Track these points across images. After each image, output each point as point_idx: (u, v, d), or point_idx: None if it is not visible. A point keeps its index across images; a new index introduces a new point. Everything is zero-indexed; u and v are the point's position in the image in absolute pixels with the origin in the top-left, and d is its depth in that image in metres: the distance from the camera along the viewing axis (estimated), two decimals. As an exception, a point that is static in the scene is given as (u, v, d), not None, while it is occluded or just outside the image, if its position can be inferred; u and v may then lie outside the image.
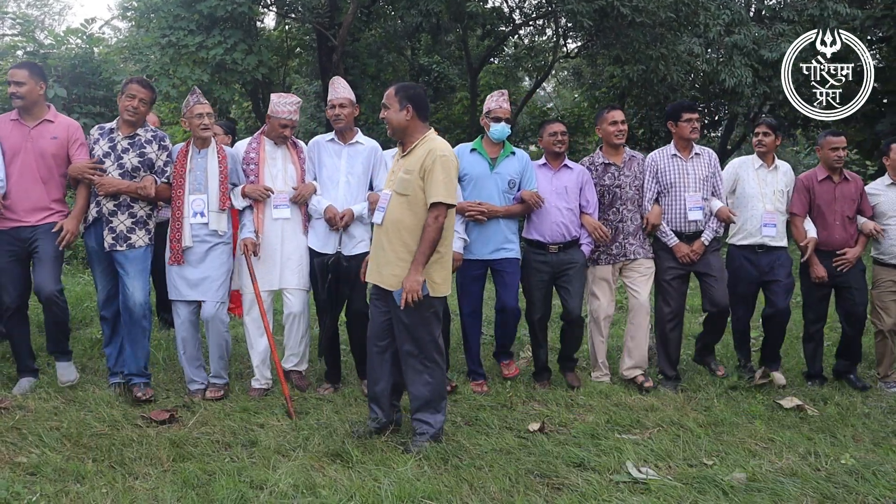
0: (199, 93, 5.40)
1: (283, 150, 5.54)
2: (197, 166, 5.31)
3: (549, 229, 5.78)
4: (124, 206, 5.21)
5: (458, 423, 4.93)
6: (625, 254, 5.91)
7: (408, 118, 4.46)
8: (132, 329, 5.27)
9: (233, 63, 12.72)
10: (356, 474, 4.03)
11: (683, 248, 5.86)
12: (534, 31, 19.38)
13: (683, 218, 5.88)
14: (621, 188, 5.91)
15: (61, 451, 4.24)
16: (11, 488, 3.68)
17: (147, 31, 14.09)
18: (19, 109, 5.19)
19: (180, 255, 5.26)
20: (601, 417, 5.13)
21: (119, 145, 5.25)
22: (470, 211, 5.58)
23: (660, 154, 6.06)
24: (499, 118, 5.72)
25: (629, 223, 5.92)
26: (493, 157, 5.76)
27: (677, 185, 5.91)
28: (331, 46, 15.10)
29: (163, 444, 4.36)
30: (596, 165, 6.00)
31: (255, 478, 3.95)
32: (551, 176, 5.86)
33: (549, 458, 4.38)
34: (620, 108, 6.19)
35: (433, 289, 4.40)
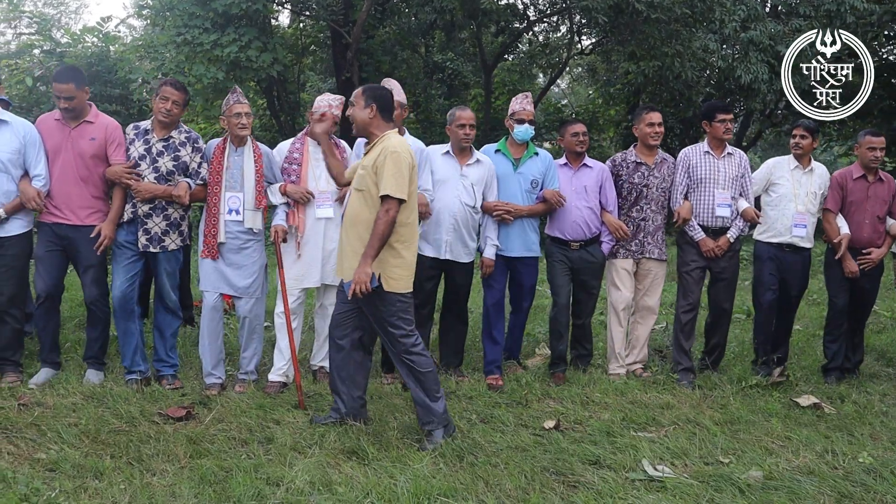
0: (240, 92, 5.44)
1: None
2: (234, 164, 5.37)
3: (570, 227, 5.93)
4: (159, 208, 5.32)
5: (473, 421, 4.93)
6: (642, 251, 6.05)
7: (371, 116, 4.62)
8: (165, 320, 5.54)
9: (247, 61, 12.74)
10: (372, 471, 4.05)
11: (709, 242, 5.94)
12: (548, 27, 19.31)
13: (711, 214, 5.97)
14: (648, 188, 6.02)
15: (80, 447, 4.27)
16: (31, 484, 3.70)
17: (162, 29, 14.15)
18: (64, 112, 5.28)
19: (215, 249, 5.34)
20: (617, 415, 5.12)
21: (154, 148, 5.32)
22: (497, 211, 5.73)
23: (693, 150, 6.14)
24: (522, 120, 5.85)
25: (650, 223, 6.04)
26: (517, 158, 5.90)
27: (707, 182, 5.99)
28: (345, 44, 15.10)
29: (180, 440, 4.39)
30: (627, 163, 6.10)
31: (272, 474, 3.97)
32: (571, 175, 5.99)
33: (565, 455, 4.39)
34: (658, 110, 6.24)
35: (387, 283, 4.49)
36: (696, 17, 13.74)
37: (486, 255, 5.84)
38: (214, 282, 5.42)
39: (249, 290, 5.45)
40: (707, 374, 6.08)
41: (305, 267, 5.50)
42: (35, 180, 5.24)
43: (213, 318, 5.45)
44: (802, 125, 6.20)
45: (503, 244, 5.85)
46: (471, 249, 5.83)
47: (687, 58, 13.84)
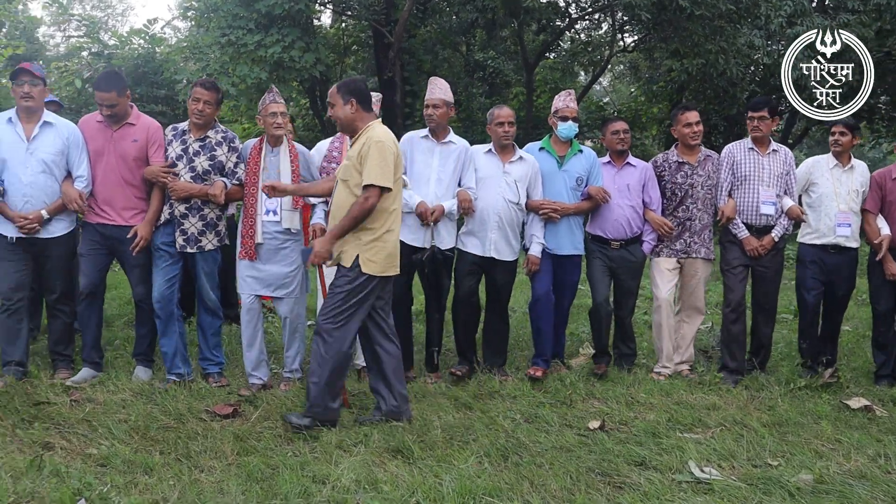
0: (276, 92, 5.46)
1: None
2: (270, 165, 5.37)
3: (612, 226, 5.91)
4: (195, 208, 5.35)
5: (517, 421, 4.92)
6: (687, 251, 5.98)
7: (353, 111, 4.67)
8: (207, 321, 5.59)
9: (290, 61, 12.86)
10: (417, 470, 4.05)
11: (753, 241, 5.86)
12: (590, 25, 19.21)
13: (755, 211, 5.89)
14: (693, 187, 5.95)
15: (130, 443, 4.33)
16: (84, 479, 3.77)
17: (207, 30, 14.32)
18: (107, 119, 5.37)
19: (252, 250, 5.35)
20: (662, 416, 5.07)
21: (191, 148, 5.37)
22: (544, 209, 5.72)
23: (737, 146, 6.06)
24: (566, 117, 5.82)
25: (696, 222, 5.96)
26: (561, 156, 5.90)
27: (752, 179, 5.91)
28: (387, 43, 15.17)
29: (227, 437, 4.43)
30: (669, 163, 6.04)
31: (318, 472, 3.98)
32: (614, 174, 5.97)
33: (610, 456, 4.35)
34: (696, 109, 6.18)
35: (365, 265, 4.59)
36: (741, 13, 13.59)
37: (532, 252, 5.81)
38: (252, 284, 5.42)
39: (288, 290, 5.46)
40: (754, 374, 6.00)
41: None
42: (77, 181, 5.32)
43: (251, 320, 5.48)
44: (841, 122, 6.10)
45: (551, 242, 5.83)
46: (514, 248, 5.83)
47: (731, 54, 13.68)
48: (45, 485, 3.71)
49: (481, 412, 5.05)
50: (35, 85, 5.20)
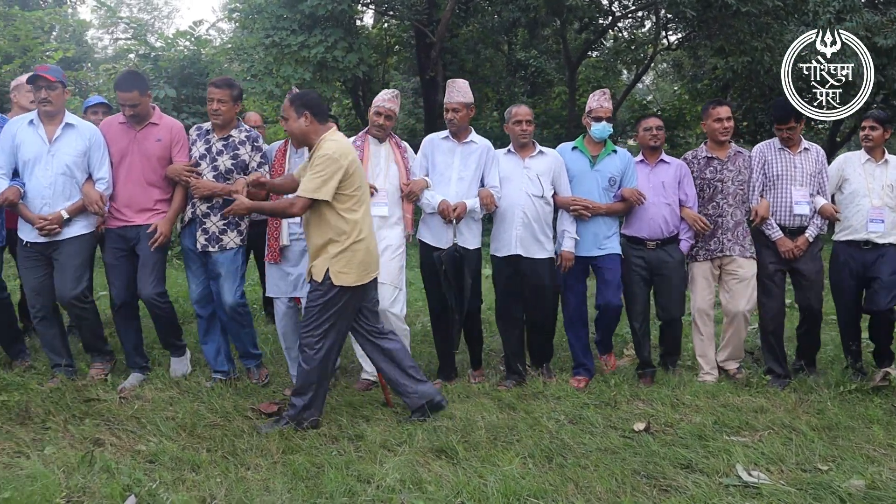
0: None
1: (386, 148, 5.59)
2: (294, 166, 5.31)
3: (647, 225, 5.80)
4: (217, 207, 5.33)
5: (561, 422, 4.89)
6: (721, 249, 5.82)
7: (307, 124, 4.65)
8: (230, 326, 5.52)
9: (333, 61, 12.94)
10: (461, 471, 4.05)
11: (787, 242, 5.73)
12: (633, 23, 19.07)
13: (789, 212, 5.76)
14: (723, 182, 5.83)
15: (177, 440, 4.39)
16: (133, 475, 3.83)
17: (251, 31, 14.46)
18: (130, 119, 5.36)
19: (278, 253, 5.33)
20: (708, 418, 5.00)
21: (214, 147, 5.37)
22: (575, 206, 5.64)
23: (767, 146, 5.93)
24: (600, 117, 5.73)
25: (728, 218, 5.82)
26: (594, 156, 5.80)
27: (784, 179, 5.78)
28: (429, 43, 15.20)
29: (272, 436, 4.46)
30: (699, 159, 5.94)
31: (363, 472, 4.00)
32: (648, 172, 5.87)
33: (656, 458, 4.31)
34: (727, 104, 6.06)
35: (336, 277, 4.60)
36: (788, 10, 13.38)
37: (565, 248, 5.70)
38: (281, 287, 5.40)
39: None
40: (802, 377, 5.89)
41: None
42: (98, 183, 5.28)
43: (287, 325, 5.47)
44: (871, 116, 5.92)
45: (580, 244, 5.72)
46: (545, 245, 5.69)
47: (778, 52, 13.45)
48: (96, 480, 3.78)
49: (525, 413, 5.04)
50: (52, 89, 5.15)
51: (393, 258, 5.49)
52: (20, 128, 5.21)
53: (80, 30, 22.30)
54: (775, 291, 5.85)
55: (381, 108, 5.50)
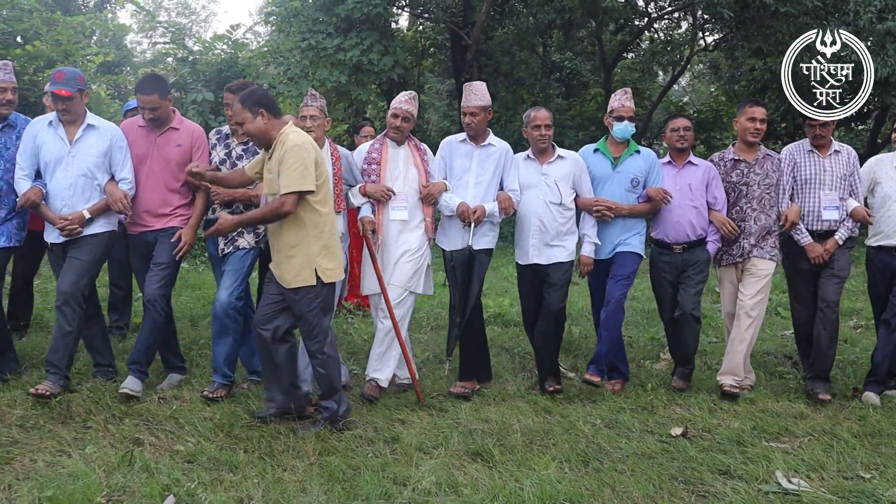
0: (313, 94, 5.36)
1: (405, 151, 5.52)
2: None
3: (673, 229, 5.67)
4: (236, 212, 5.19)
5: (597, 426, 4.87)
6: (742, 254, 5.69)
7: (265, 122, 4.57)
8: (214, 327, 5.30)
9: (369, 64, 13.00)
10: (498, 474, 4.04)
11: (817, 248, 5.57)
12: (669, 24, 18.93)
13: (817, 217, 5.61)
14: (748, 186, 5.67)
15: (215, 440, 4.43)
16: (172, 474, 3.87)
17: (287, 35, 14.58)
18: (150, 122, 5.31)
19: None
20: (747, 424, 4.94)
21: (234, 152, 5.34)
22: (597, 207, 5.54)
23: (796, 148, 5.79)
24: (622, 117, 5.62)
25: (752, 223, 5.66)
26: (616, 157, 5.68)
27: (812, 182, 5.64)
28: (464, 45, 15.21)
29: (309, 437, 4.49)
30: (725, 161, 5.80)
31: (399, 474, 4.01)
32: (675, 174, 5.72)
33: (693, 464, 4.28)
34: (764, 105, 5.95)
35: (325, 275, 4.59)
36: (828, 10, 13.18)
37: (584, 252, 5.59)
38: None
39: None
40: (843, 382, 5.79)
41: (382, 268, 5.35)
42: (121, 184, 5.18)
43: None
44: None
45: (601, 246, 5.62)
46: (566, 247, 5.55)
47: (818, 52, 13.30)
48: (136, 479, 3.83)
49: (561, 416, 5.02)
50: (70, 101, 5.04)
51: (409, 261, 5.39)
52: (41, 129, 5.15)
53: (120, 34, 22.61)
54: (806, 296, 5.74)
55: (398, 110, 5.44)
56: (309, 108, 5.26)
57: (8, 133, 5.24)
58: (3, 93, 5.18)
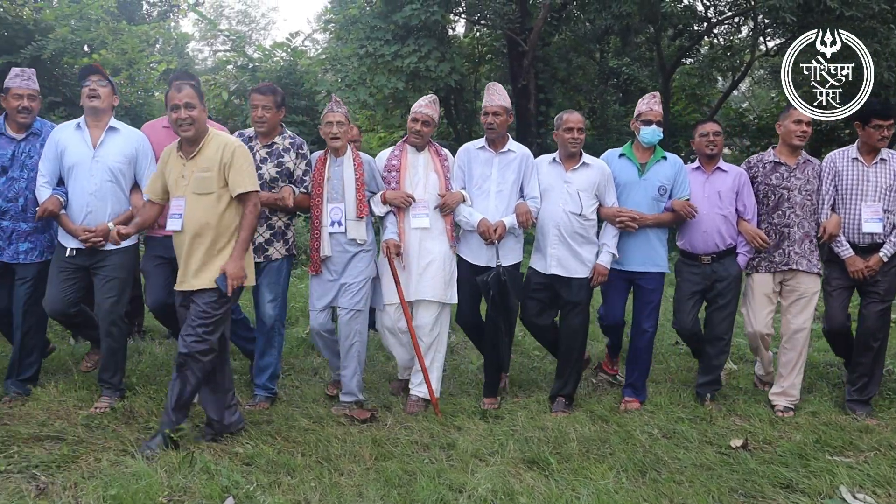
0: (337, 101, 5.30)
1: (425, 157, 5.40)
2: (334, 175, 5.21)
3: (701, 239, 5.48)
4: (263, 217, 5.15)
5: (655, 436, 4.81)
6: (787, 262, 5.43)
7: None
8: (259, 341, 5.32)
9: (426, 70, 13.05)
10: (554, 483, 4.02)
11: (858, 262, 5.32)
12: (729, 29, 18.64)
13: (857, 229, 5.36)
14: (789, 190, 5.43)
15: (273, 444, 4.48)
16: (231, 477, 3.93)
17: (345, 42, 14.70)
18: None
19: (319, 264, 5.22)
20: (809, 437, 4.84)
21: (258, 155, 5.17)
22: (621, 218, 5.32)
23: (839, 155, 5.52)
24: (650, 121, 5.38)
25: (795, 229, 5.43)
26: (643, 163, 5.45)
27: (854, 192, 5.38)
28: (521, 52, 15.17)
29: (365, 442, 4.52)
30: (764, 163, 5.56)
31: (454, 481, 4.01)
32: (703, 180, 5.53)
33: (754, 476, 4.20)
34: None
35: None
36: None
37: (600, 261, 5.34)
38: (325, 300, 5.25)
39: (351, 301, 5.19)
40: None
41: (402, 280, 5.23)
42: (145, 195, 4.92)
43: (324, 338, 5.36)
44: None
45: (623, 255, 5.40)
46: (586, 262, 5.34)
47: (884, 57, 12.94)
48: (196, 481, 3.89)
49: (618, 425, 4.98)
50: (103, 84, 5.03)
51: (438, 273, 5.27)
52: (66, 133, 5.06)
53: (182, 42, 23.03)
54: (838, 313, 5.49)
55: (419, 114, 5.32)
56: (335, 113, 5.20)
57: (32, 141, 5.15)
58: (20, 99, 5.08)
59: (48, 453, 4.20)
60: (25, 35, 12.22)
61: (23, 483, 3.83)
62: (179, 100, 4.35)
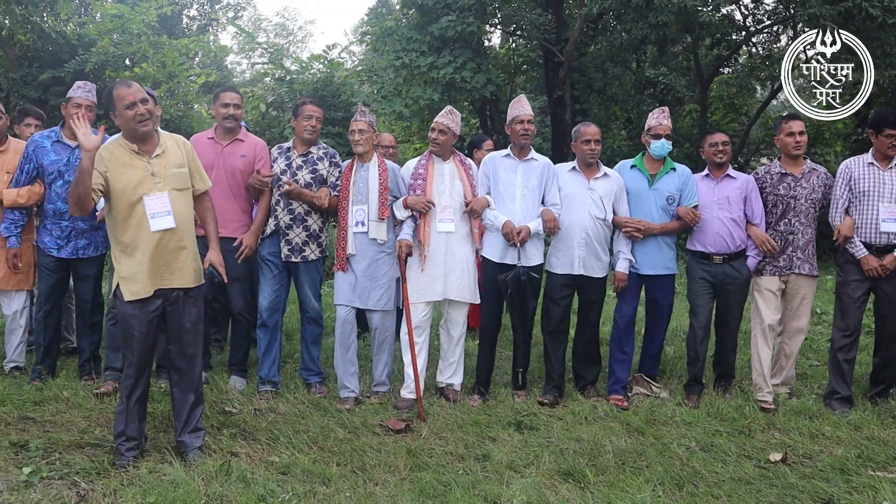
0: (362, 110, 5.64)
1: (451, 166, 5.71)
2: (360, 179, 5.55)
3: (712, 239, 5.75)
4: (299, 219, 5.64)
5: (692, 449, 4.76)
6: (791, 267, 5.74)
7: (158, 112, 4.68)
8: (310, 330, 5.86)
9: (462, 81, 13.10)
10: (590, 495, 3.99)
11: (872, 261, 5.51)
12: (768, 38, 18.46)
13: (875, 229, 5.53)
14: (796, 199, 5.71)
15: (308, 453, 4.50)
16: (267, 485, 3.95)
17: (382, 54, 14.81)
18: (219, 129, 5.71)
19: (345, 261, 5.54)
20: (851, 451, 4.75)
21: (294, 163, 5.68)
22: (627, 227, 5.69)
23: (855, 162, 5.71)
24: (659, 135, 5.77)
25: (800, 236, 5.72)
26: (653, 174, 5.81)
27: (871, 195, 5.56)
28: (557, 62, 15.17)
29: (400, 452, 4.53)
30: (772, 174, 5.83)
31: (489, 492, 4.00)
32: (713, 186, 5.83)
33: (794, 491, 4.14)
34: (800, 118, 5.89)
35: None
36: (940, 20, 12.63)
37: (619, 268, 5.75)
38: (347, 295, 5.57)
39: (380, 302, 5.57)
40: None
41: (428, 280, 5.56)
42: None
43: (345, 330, 5.62)
44: None
45: (636, 260, 5.77)
46: (604, 264, 5.79)
47: (928, 65, 12.78)
48: (233, 489, 3.92)
49: (654, 438, 4.93)
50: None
51: (464, 276, 5.63)
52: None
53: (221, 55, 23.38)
54: (854, 311, 5.68)
55: (435, 124, 5.67)
56: (358, 122, 5.57)
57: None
58: (78, 109, 5.37)
59: (89, 460, 4.26)
60: (69, 49, 12.48)
61: (64, 489, 3.89)
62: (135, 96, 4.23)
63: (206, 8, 29.50)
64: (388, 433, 4.90)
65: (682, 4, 12.67)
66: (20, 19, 11.87)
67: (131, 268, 4.24)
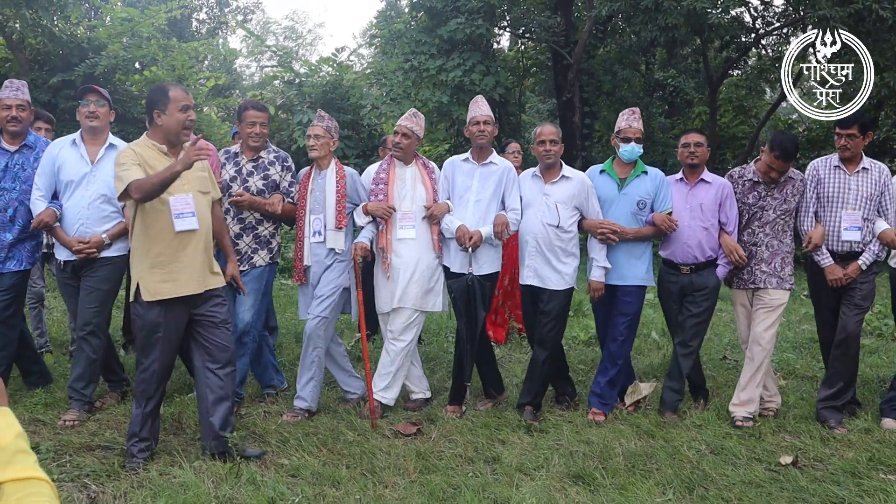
0: (321, 116, 5.47)
1: (412, 170, 5.52)
2: (317, 187, 5.38)
3: (681, 250, 5.47)
4: (249, 227, 5.33)
5: (702, 452, 4.74)
6: (754, 281, 5.45)
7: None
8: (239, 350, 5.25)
9: (471, 84, 13.11)
10: (599, 498, 3.98)
11: (837, 270, 5.32)
12: (777, 40, 18.43)
13: (837, 237, 5.34)
14: (763, 210, 5.42)
15: (318, 455, 4.51)
16: (277, 488, 3.96)
17: (391, 56, 14.84)
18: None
19: (302, 273, 5.39)
20: (862, 455, 4.72)
21: (244, 169, 5.38)
22: (601, 230, 5.35)
23: (822, 164, 5.50)
24: (628, 138, 5.42)
25: (763, 248, 5.43)
26: (623, 178, 5.48)
27: (835, 201, 5.36)
28: (566, 64, 15.17)
29: (409, 455, 4.52)
30: (744, 180, 5.51)
31: (499, 495, 3.99)
32: (686, 192, 5.51)
33: (805, 494, 4.12)
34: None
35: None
36: (951, 22, 12.59)
37: (593, 277, 5.41)
38: (303, 308, 5.47)
39: (317, 308, 5.28)
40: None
41: (388, 289, 5.41)
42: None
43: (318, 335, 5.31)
44: None
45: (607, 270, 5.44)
46: (563, 275, 5.37)
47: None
48: (243, 492, 3.92)
49: (664, 441, 4.91)
50: (101, 105, 5.10)
51: (418, 282, 5.39)
52: (62, 149, 5.12)
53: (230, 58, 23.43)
54: (830, 318, 5.52)
55: (399, 127, 5.49)
56: (314, 127, 5.43)
57: (26, 154, 5.29)
58: (9, 110, 5.21)
59: (99, 463, 4.28)
60: (79, 53, 12.52)
61: (74, 492, 3.90)
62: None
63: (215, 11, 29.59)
64: (398, 436, 4.90)
65: (692, 6, 12.66)
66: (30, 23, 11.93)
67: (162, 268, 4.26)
